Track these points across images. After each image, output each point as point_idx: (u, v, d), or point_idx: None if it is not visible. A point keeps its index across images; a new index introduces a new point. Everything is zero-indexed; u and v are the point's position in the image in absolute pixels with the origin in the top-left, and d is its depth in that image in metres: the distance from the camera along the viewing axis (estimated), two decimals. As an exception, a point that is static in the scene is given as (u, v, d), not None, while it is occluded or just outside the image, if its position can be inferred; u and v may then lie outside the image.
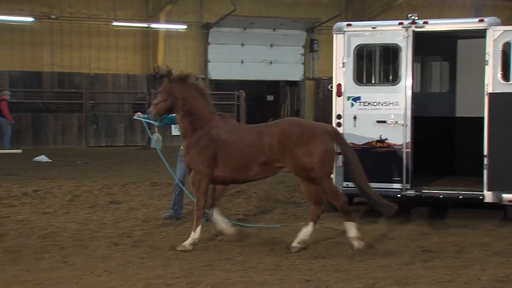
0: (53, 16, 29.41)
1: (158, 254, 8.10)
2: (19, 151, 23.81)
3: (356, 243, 8.41)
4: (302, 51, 33.99)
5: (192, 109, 8.71)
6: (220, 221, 8.97)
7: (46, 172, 17.33)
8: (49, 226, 9.92)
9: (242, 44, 32.57)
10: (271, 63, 33.39)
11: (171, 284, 6.72)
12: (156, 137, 25.94)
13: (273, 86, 37.42)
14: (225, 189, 9.27)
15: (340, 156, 10.46)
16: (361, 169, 8.65)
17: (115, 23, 30.24)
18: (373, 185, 10.37)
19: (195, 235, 8.55)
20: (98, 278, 6.96)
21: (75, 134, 25.98)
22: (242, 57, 32.67)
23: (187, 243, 8.47)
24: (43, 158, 20.69)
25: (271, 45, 33.18)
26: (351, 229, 8.51)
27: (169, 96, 8.81)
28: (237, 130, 8.81)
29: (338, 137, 8.77)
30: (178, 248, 8.35)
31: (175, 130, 27.11)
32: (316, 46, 33.63)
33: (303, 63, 34.21)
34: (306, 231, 8.56)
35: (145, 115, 9.98)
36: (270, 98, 38.46)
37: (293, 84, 35.53)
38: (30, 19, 28.95)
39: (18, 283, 6.73)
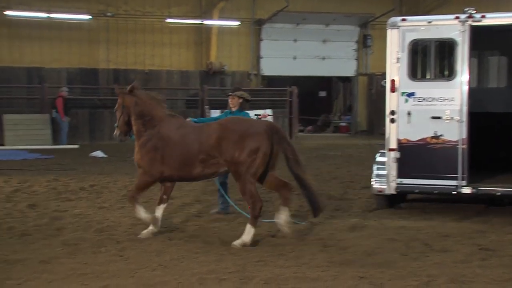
0: (109, 14, 29.87)
1: (211, 249, 8.14)
2: (76, 146, 24.30)
3: (239, 243, 8.30)
4: (355, 46, 33.73)
5: (143, 112, 9.03)
6: (155, 219, 9.02)
7: (102, 167, 17.62)
8: (105, 220, 10.08)
9: (295, 40, 32.50)
10: (323, 59, 33.22)
11: (224, 279, 6.74)
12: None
13: (326, 81, 37.27)
14: (173, 186, 9.37)
15: (393, 153, 10.37)
16: (302, 166, 8.76)
17: (169, 20, 30.54)
18: (427, 182, 10.31)
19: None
20: (153, 272, 7.04)
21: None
22: (295, 53, 32.61)
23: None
24: (99, 153, 21.04)
25: (324, 41, 33.02)
26: (248, 233, 8.41)
27: (123, 109, 9.26)
28: (183, 129, 8.98)
29: (278, 136, 8.72)
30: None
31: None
32: (369, 41, 33.32)
33: (356, 59, 33.95)
34: (282, 216, 8.59)
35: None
36: (322, 94, 38.30)
37: (345, 79, 35.31)
38: (87, 17, 29.49)
39: (76, 276, 6.86)
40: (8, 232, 9.08)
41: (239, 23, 31.67)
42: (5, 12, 28.27)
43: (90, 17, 29.62)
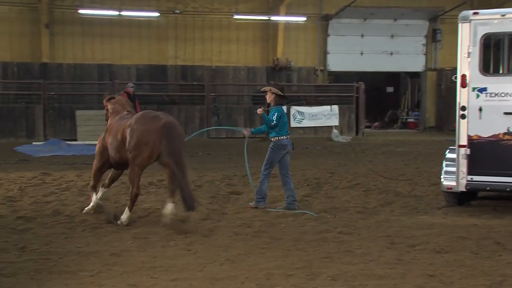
0: (177, 11, 30.29)
1: (278, 245, 8.15)
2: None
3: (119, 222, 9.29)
4: (424, 41, 33.20)
5: (113, 110, 10.43)
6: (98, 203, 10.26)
7: (170, 162, 17.83)
8: (174, 215, 10.20)
9: (362, 35, 32.23)
10: (391, 54, 32.84)
11: (291, 275, 6.74)
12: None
13: (393, 77, 36.80)
14: (121, 173, 10.66)
15: (463, 149, 10.16)
16: (183, 166, 9.43)
17: (236, 17, 30.73)
18: (499, 179, 10.06)
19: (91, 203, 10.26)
20: (221, 267, 7.10)
21: (197, 126, 26.48)
22: (362, 49, 32.35)
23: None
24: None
25: (392, 36, 32.62)
26: (125, 214, 9.44)
27: (106, 111, 10.70)
28: (121, 120, 9.94)
29: (172, 132, 9.36)
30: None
31: (294, 122, 27.25)
32: (439, 36, 32.72)
33: (424, 54, 33.42)
34: (167, 207, 9.45)
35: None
36: (390, 89, 37.84)
37: (414, 75, 34.79)
38: (156, 14, 29.98)
39: (146, 269, 6.98)
40: (81, 225, 9.31)
41: (306, 18, 31.60)
42: (79, 11, 29.02)
43: (159, 14, 30.10)
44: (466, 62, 10.22)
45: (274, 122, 10.95)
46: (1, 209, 10.53)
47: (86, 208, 10.28)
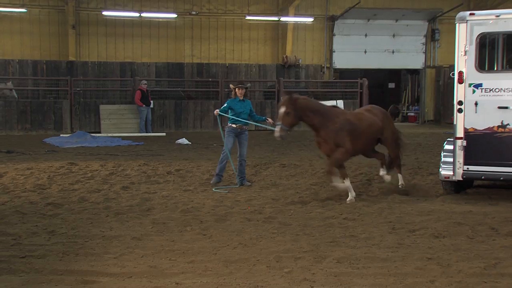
0: (193, 12, 30.30)
1: (287, 230, 8.15)
2: (163, 134, 24.78)
3: None
4: (423, 40, 33.07)
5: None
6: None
7: (187, 153, 17.90)
8: (190, 202, 10.24)
9: (366, 35, 32.12)
10: (393, 52, 32.74)
11: (299, 257, 6.74)
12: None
13: (395, 74, 36.67)
14: None
15: (460, 141, 10.12)
16: None
17: (248, 18, 30.70)
18: (493, 169, 10.01)
19: None
20: (234, 250, 7.11)
21: (212, 119, 26.49)
22: (366, 47, 32.27)
23: None
24: (184, 140, 21.37)
25: (393, 35, 32.52)
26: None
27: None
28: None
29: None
30: None
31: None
32: (437, 35, 32.63)
33: (424, 52, 33.29)
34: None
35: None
36: (391, 85, 37.72)
37: (414, 72, 34.65)
38: (174, 15, 29.99)
39: (165, 252, 7.00)
40: (105, 211, 9.35)
41: (313, 19, 31.51)
42: (103, 13, 29.08)
43: (177, 15, 30.11)
44: (463, 59, 10.15)
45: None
46: (32, 196, 10.60)
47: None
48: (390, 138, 11.28)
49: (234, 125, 12.01)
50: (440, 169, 10.55)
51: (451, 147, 10.40)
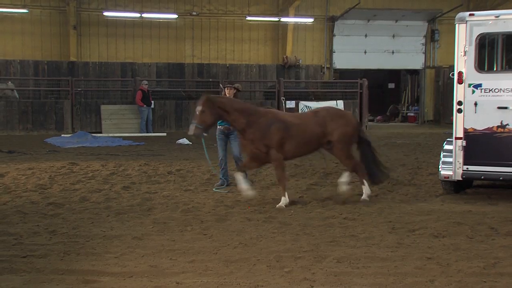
0: (194, 13, 30.31)
1: (287, 230, 8.14)
2: (164, 134, 24.77)
3: None
4: (423, 41, 33.08)
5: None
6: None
7: (187, 153, 17.89)
8: (191, 201, 10.23)
9: (366, 35, 32.13)
10: (392, 52, 32.74)
11: (299, 257, 6.73)
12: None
13: (394, 74, 36.70)
14: None
15: (460, 141, 10.11)
16: None
17: (248, 18, 30.71)
18: (493, 169, 10.01)
19: None
20: (234, 250, 7.10)
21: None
22: (365, 48, 32.28)
23: None
24: (184, 140, 21.36)
25: (393, 36, 32.53)
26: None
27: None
28: None
29: None
30: None
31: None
32: (437, 36, 32.65)
33: (423, 52, 33.29)
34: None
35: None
36: (391, 86, 37.76)
37: (413, 72, 34.66)
38: (175, 16, 30.00)
39: (165, 251, 7.00)
40: (106, 211, 9.35)
41: (313, 20, 31.51)
42: (104, 13, 29.09)
43: (177, 16, 30.11)
44: (463, 60, 10.15)
45: None
46: (33, 196, 10.60)
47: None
48: (338, 145, 10.14)
49: (220, 127, 11.68)
50: (440, 169, 10.55)
51: (450, 147, 10.40)
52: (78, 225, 8.38)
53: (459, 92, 10.19)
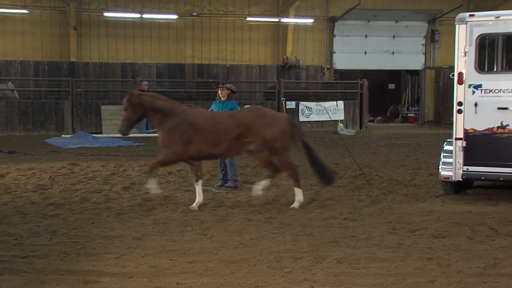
0: (194, 14, 30.32)
1: (287, 230, 8.14)
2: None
3: None
4: (423, 41, 33.09)
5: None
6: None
7: (188, 154, 17.84)
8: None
9: (366, 36, 32.15)
10: (393, 53, 32.75)
11: (299, 258, 6.73)
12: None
13: (395, 75, 36.71)
14: None
15: (460, 142, 10.11)
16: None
17: (248, 19, 30.73)
18: (493, 169, 10.01)
19: None
20: (234, 250, 7.10)
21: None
22: (366, 48, 32.29)
23: None
24: (185, 141, 21.28)
25: (393, 36, 32.54)
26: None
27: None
28: None
29: None
30: None
31: (302, 116, 27.21)
32: (437, 36, 32.66)
33: (423, 53, 33.30)
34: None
35: None
36: (391, 86, 37.77)
37: (414, 73, 34.67)
38: (175, 16, 30.01)
39: (166, 252, 6.99)
40: (106, 211, 9.35)
41: (314, 20, 31.52)
42: (104, 14, 29.11)
43: (178, 17, 30.12)
44: (463, 60, 10.15)
45: None
46: (34, 196, 10.60)
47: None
48: (265, 148, 9.77)
49: None
50: (440, 170, 10.55)
51: (451, 147, 10.40)
52: (79, 225, 8.38)
53: (459, 92, 10.19)
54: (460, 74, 10.15)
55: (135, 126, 10.20)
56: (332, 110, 27.59)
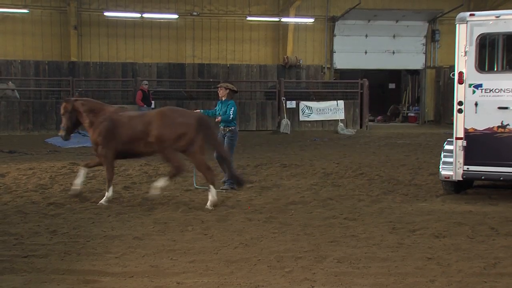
0: (195, 13, 30.31)
1: (288, 230, 8.14)
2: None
3: None
4: (423, 41, 33.07)
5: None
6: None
7: (188, 153, 17.84)
8: (191, 202, 10.24)
9: (366, 36, 32.13)
10: (393, 53, 32.73)
11: (300, 257, 6.74)
12: (285, 122, 26.18)
13: (395, 74, 36.69)
14: None
15: (460, 141, 10.11)
16: None
17: (249, 18, 30.70)
18: (493, 169, 10.01)
19: None
20: (235, 250, 7.10)
21: (213, 119, 26.35)
22: (366, 48, 32.28)
23: None
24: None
25: (394, 36, 32.52)
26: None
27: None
28: None
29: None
30: None
31: (303, 116, 27.22)
32: (437, 36, 32.63)
33: (424, 53, 33.28)
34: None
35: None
36: (392, 86, 37.75)
37: (414, 72, 34.65)
38: (175, 16, 30.00)
39: (166, 251, 7.00)
40: (106, 211, 9.35)
41: (314, 20, 31.49)
42: (104, 13, 29.10)
43: (178, 16, 30.11)
44: (463, 60, 10.15)
45: (232, 116, 11.68)
46: (34, 196, 10.61)
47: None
48: (164, 147, 9.81)
49: (220, 127, 11.88)
50: (440, 169, 10.55)
51: (451, 147, 10.40)
52: (79, 225, 8.38)
53: (460, 92, 10.19)
54: (461, 73, 10.15)
55: (74, 131, 10.93)
56: (333, 110, 27.59)
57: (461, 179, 10.28)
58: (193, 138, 9.85)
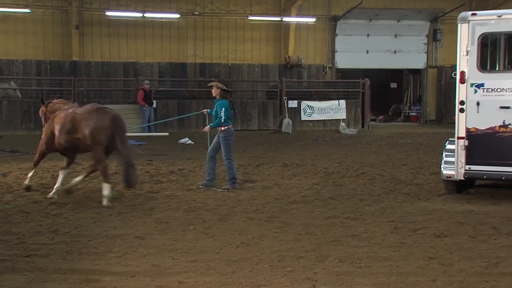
0: (196, 13, 30.32)
1: (289, 229, 8.14)
2: (166, 134, 24.77)
3: None
4: (425, 40, 33.06)
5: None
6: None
7: (190, 153, 17.90)
8: (193, 201, 10.24)
9: (368, 35, 32.13)
10: (395, 52, 32.72)
11: (301, 257, 6.73)
12: (286, 121, 26.19)
13: (397, 74, 36.68)
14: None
15: (462, 141, 10.10)
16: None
17: (250, 18, 30.71)
18: (495, 168, 10.00)
19: None
20: (236, 249, 7.10)
21: (215, 119, 26.38)
22: (368, 47, 32.27)
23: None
24: (186, 140, 21.38)
25: (395, 35, 32.51)
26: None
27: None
28: None
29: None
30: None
31: (304, 115, 27.22)
32: (439, 35, 32.62)
33: (425, 52, 33.27)
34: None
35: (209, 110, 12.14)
36: (393, 85, 37.74)
37: (416, 72, 34.65)
38: (177, 15, 30.01)
39: (167, 251, 7.00)
40: (108, 211, 9.36)
41: (315, 19, 31.49)
42: (106, 13, 29.12)
43: (179, 16, 30.12)
44: (465, 59, 10.13)
45: (223, 117, 11.55)
46: (36, 195, 10.62)
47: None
48: (87, 144, 10.23)
49: (219, 128, 11.73)
50: (442, 169, 10.54)
51: (453, 146, 10.39)
52: (81, 224, 8.39)
53: (461, 91, 10.18)
54: (462, 73, 10.14)
55: None
56: (334, 109, 27.59)
57: (463, 178, 10.27)
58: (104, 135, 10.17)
